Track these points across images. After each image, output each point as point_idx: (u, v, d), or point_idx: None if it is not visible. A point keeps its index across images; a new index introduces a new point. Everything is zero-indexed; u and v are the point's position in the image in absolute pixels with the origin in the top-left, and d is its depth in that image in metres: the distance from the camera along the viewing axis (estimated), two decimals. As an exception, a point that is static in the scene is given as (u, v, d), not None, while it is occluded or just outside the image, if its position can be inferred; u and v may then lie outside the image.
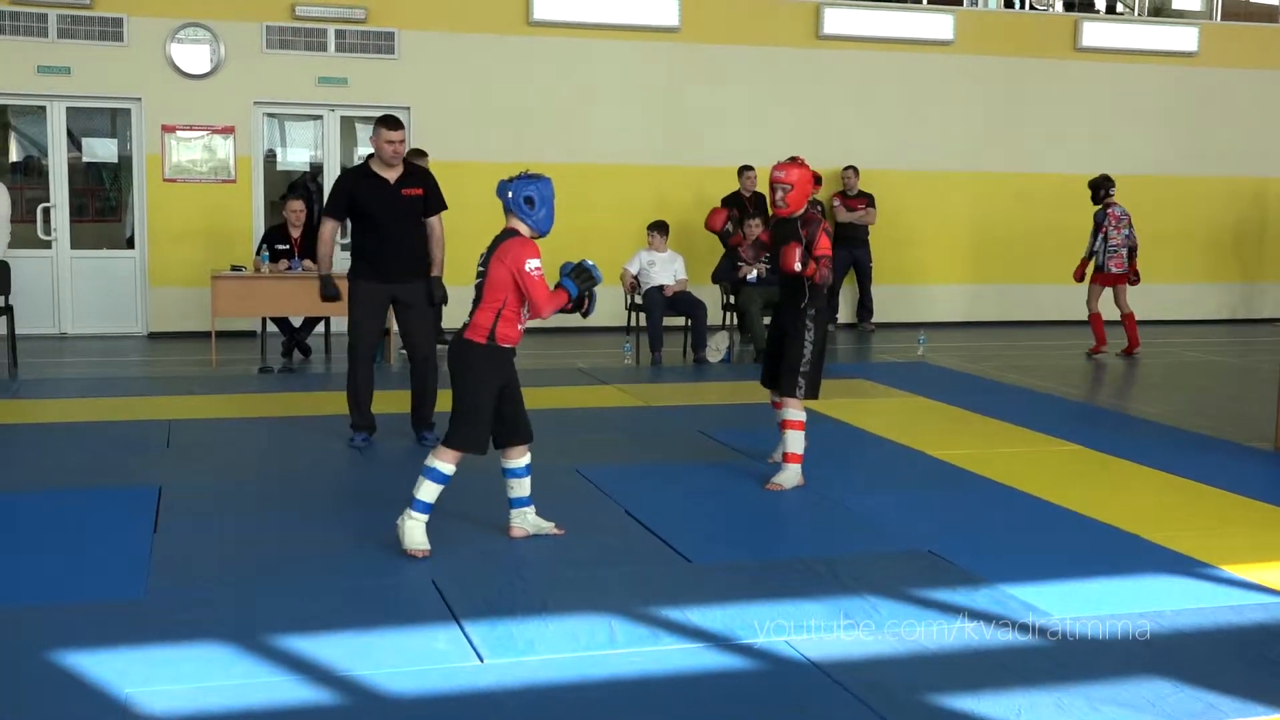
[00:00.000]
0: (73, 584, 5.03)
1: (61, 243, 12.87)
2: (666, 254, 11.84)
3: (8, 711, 3.82)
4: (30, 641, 4.34)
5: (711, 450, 7.75)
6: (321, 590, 4.98)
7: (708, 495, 6.66)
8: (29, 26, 12.32)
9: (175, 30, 12.70)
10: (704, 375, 10.99)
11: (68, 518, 5.70)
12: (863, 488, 6.88)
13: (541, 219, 5.36)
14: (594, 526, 5.96)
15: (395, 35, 13.18)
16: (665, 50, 14.02)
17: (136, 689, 3.93)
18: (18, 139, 13.31)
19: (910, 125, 14.89)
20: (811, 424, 8.55)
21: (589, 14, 13.72)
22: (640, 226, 12.30)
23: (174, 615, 4.65)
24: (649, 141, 14.03)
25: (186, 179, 12.93)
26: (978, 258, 15.24)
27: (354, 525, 5.94)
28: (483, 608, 4.70)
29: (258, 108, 13.17)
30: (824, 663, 4.25)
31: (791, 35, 14.43)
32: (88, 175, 13.32)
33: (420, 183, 7.60)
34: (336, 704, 3.92)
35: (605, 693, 4.04)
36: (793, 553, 5.58)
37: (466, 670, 4.17)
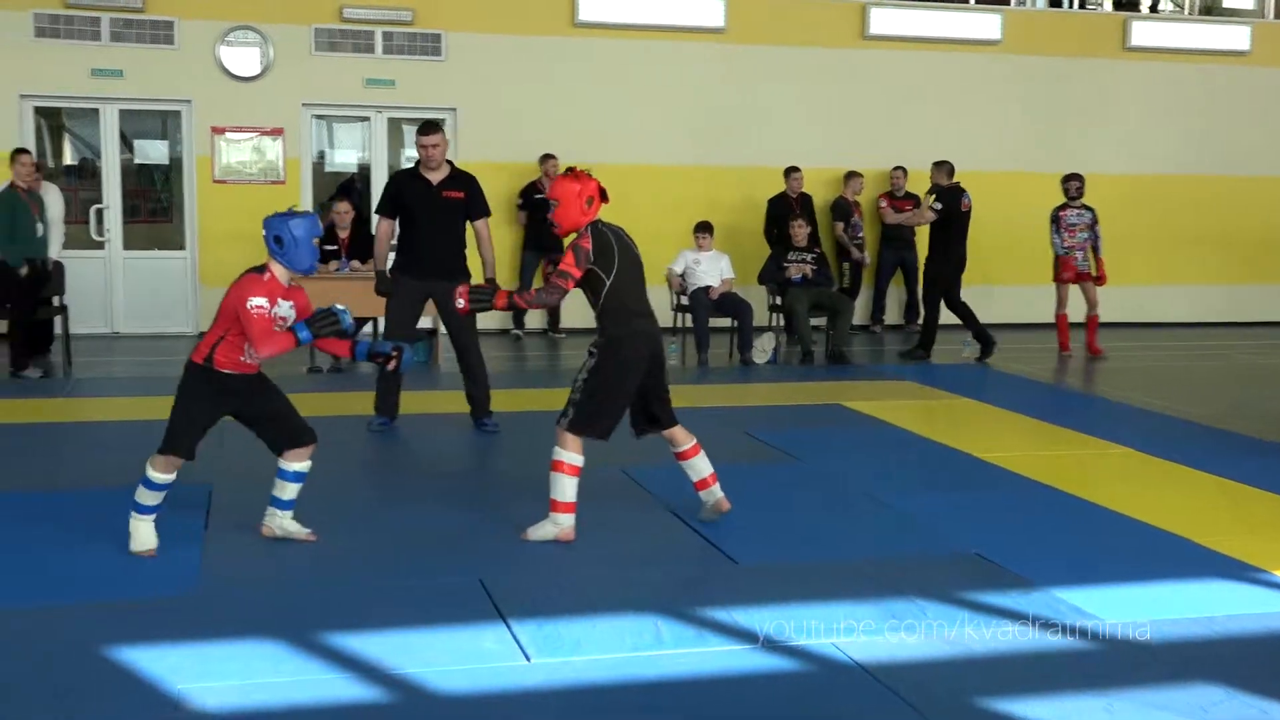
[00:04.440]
0: (126, 581, 5.09)
1: (114, 243, 13.03)
2: (711, 254, 11.83)
3: (64, 706, 3.87)
4: (85, 637, 4.40)
5: (758, 451, 7.73)
6: (370, 588, 5.01)
7: (754, 496, 6.64)
8: (83, 30, 12.47)
9: (225, 33, 12.82)
10: (750, 376, 10.97)
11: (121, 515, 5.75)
12: (909, 489, 6.84)
13: (293, 258, 5.29)
14: (640, 527, 5.96)
15: (442, 37, 13.25)
16: (711, 51, 14.01)
17: (188, 685, 3.98)
18: (72, 141, 13.48)
19: (957, 125, 14.79)
20: (858, 425, 8.56)
21: (635, 15, 13.73)
22: (686, 227, 12.29)
23: (225, 612, 4.70)
24: (695, 142, 14.02)
25: (236, 180, 13.06)
26: (1025, 259, 15.08)
27: (401, 524, 5.98)
28: (529, 607, 4.72)
29: (306, 109, 13.27)
30: (870, 665, 4.24)
31: (838, 35, 14.38)
32: (139, 177, 13.46)
33: (463, 186, 7.91)
34: (385, 701, 3.95)
35: (651, 693, 4.05)
36: (839, 554, 5.56)
37: (513, 669, 4.19)
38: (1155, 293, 15.41)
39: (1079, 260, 12.27)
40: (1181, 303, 15.67)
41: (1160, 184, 15.38)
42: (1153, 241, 15.17)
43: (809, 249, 12.07)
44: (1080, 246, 12.27)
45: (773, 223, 13.26)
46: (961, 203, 12.14)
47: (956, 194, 12.21)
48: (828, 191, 14.07)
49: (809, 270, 11.86)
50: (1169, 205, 15.43)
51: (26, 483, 6.67)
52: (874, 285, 14.42)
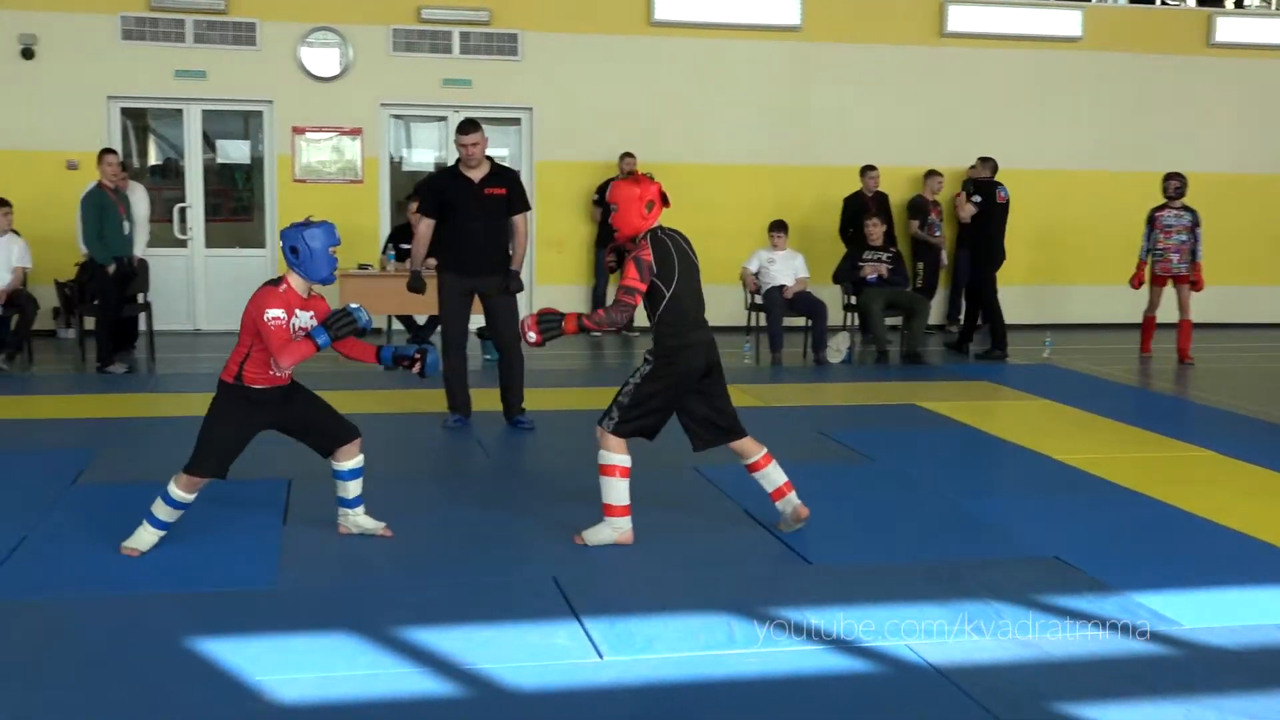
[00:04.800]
0: (207, 573, 5.19)
1: (196, 242, 13.25)
2: (786, 253, 11.79)
3: (147, 695, 3.95)
4: (167, 627, 4.49)
5: (831, 451, 7.70)
6: (444, 584, 5.06)
7: (827, 496, 6.61)
8: (167, 32, 12.70)
9: (306, 34, 12.99)
10: (824, 376, 10.93)
11: (202, 508, 5.86)
12: (986, 491, 6.79)
13: (309, 268, 5.30)
14: (713, 526, 5.97)
15: (518, 36, 13.33)
16: (787, 50, 13.96)
17: (268, 677, 4.04)
18: (156, 141, 13.73)
19: (1036, 123, 14.64)
20: (933, 426, 8.50)
21: (710, 14, 13.72)
22: (762, 226, 12.26)
23: (302, 606, 4.77)
24: (770, 141, 13.98)
25: (315, 179, 13.23)
26: (1103, 259, 14.90)
27: (475, 520, 6.03)
28: (602, 605, 4.74)
29: (384, 109, 13.41)
30: (946, 667, 4.21)
31: (915, 33, 14.27)
32: (221, 176, 13.68)
33: (504, 183, 8.04)
34: (459, 696, 3.99)
35: (723, 692, 4.05)
36: (914, 556, 5.53)
37: (586, 666, 4.21)
38: (1242, 293, 15.13)
39: (1174, 263, 11.84)
40: (1270, 303, 15.37)
41: (1245, 183, 15.09)
42: (1239, 241, 14.88)
43: (885, 248, 11.99)
44: (1177, 249, 11.82)
45: (848, 222, 13.18)
46: (998, 195, 12.16)
47: (993, 187, 12.25)
48: (905, 190, 13.97)
49: (884, 270, 11.79)
50: (1255, 204, 15.14)
51: (111, 475, 6.81)
52: (950, 285, 14.30)
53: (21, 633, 4.50)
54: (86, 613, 4.70)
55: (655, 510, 6.14)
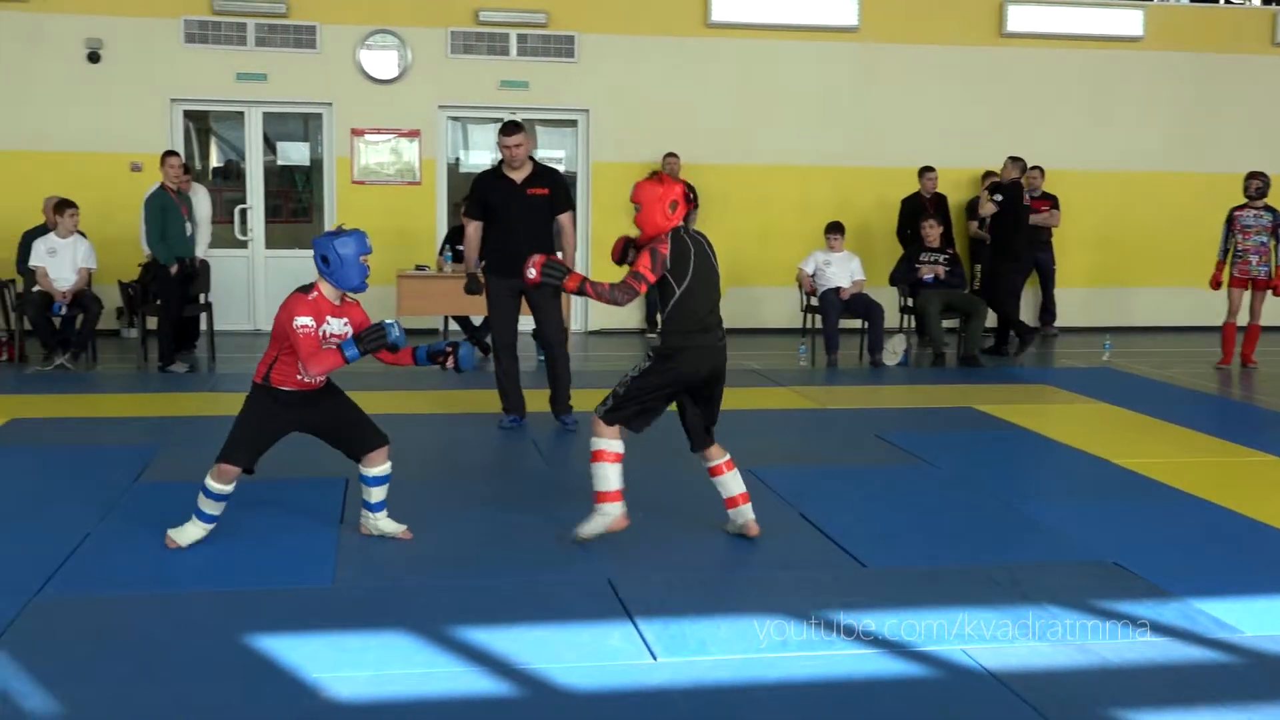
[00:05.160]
0: (265, 571, 5.24)
1: (257, 242, 13.40)
2: (843, 255, 11.74)
3: (206, 691, 4.00)
4: (226, 625, 4.54)
5: (887, 453, 7.66)
6: (499, 584, 5.08)
7: (883, 499, 6.59)
8: (229, 35, 12.85)
9: (365, 37, 13.10)
10: (880, 378, 10.87)
11: (260, 506, 5.93)
12: (1043, 495, 6.73)
13: (339, 276, 5.31)
14: (767, 528, 5.94)
15: (575, 38, 13.36)
16: (844, 50, 13.90)
17: (324, 674, 4.08)
18: (218, 144, 13.90)
19: (1097, 124, 14.48)
20: (990, 429, 8.43)
21: (767, 15, 13.69)
22: (818, 227, 12.22)
23: (359, 604, 4.81)
24: (828, 142, 13.93)
25: (374, 181, 13.33)
26: (1165, 261, 14.72)
27: (529, 521, 6.04)
28: (656, 606, 4.74)
29: (442, 111, 13.49)
30: (1002, 673, 4.17)
31: (974, 33, 14.16)
32: (281, 178, 13.82)
33: (547, 183, 8.06)
34: (512, 696, 4.00)
35: (777, 695, 4.04)
36: (970, 559, 5.48)
37: (640, 667, 4.21)
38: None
39: (1254, 265, 11.54)
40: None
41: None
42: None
43: (942, 250, 11.92)
44: (1257, 250, 11.51)
45: (906, 223, 13.11)
46: (1024, 197, 12.30)
47: (1018, 189, 12.29)
48: (962, 192, 13.87)
49: (942, 271, 11.72)
50: None
51: (172, 473, 6.89)
52: (1009, 287, 14.16)
53: (84, 628, 4.57)
54: (147, 609, 4.76)
55: (708, 511, 6.13)
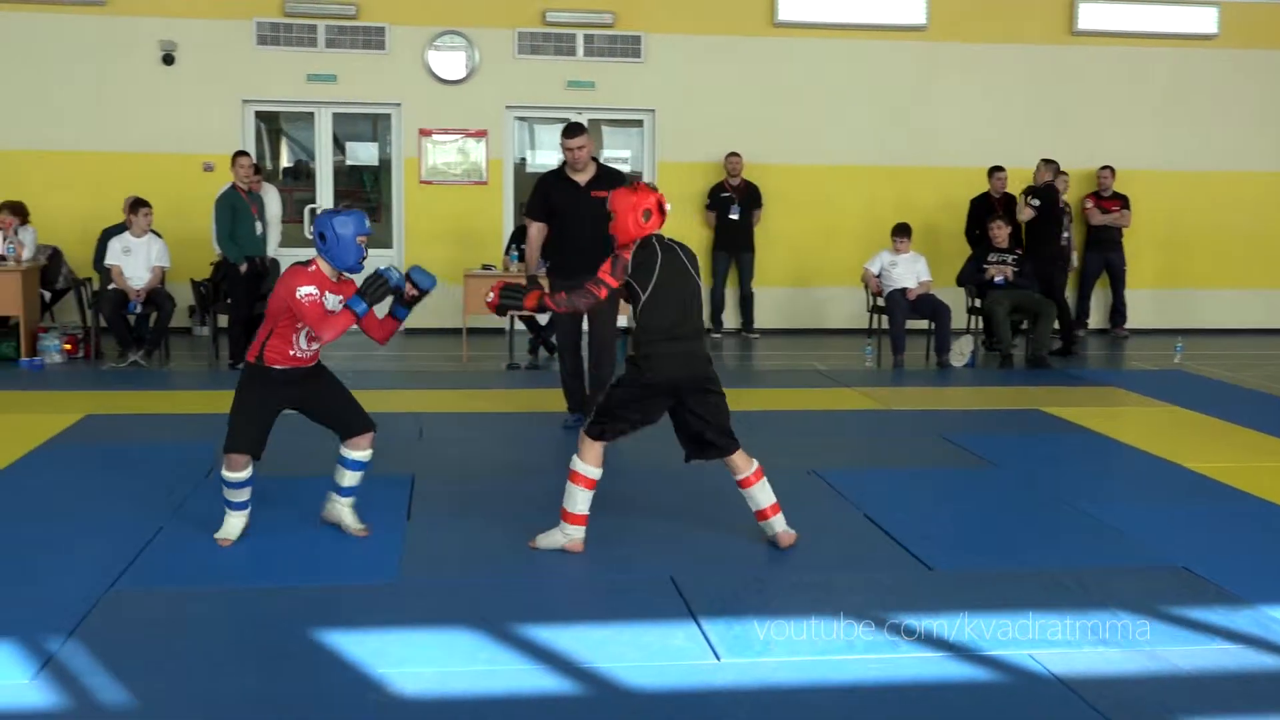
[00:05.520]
0: (332, 567, 5.30)
1: (325, 242, 13.52)
2: (909, 256, 11.67)
3: (273, 684, 4.05)
4: (294, 618, 4.60)
5: (954, 456, 7.60)
6: (563, 582, 5.11)
7: (949, 501, 6.55)
8: (300, 37, 13.00)
9: (433, 38, 13.19)
10: (947, 380, 10.79)
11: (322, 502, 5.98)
12: (1113, 499, 6.64)
13: (335, 254, 5.36)
14: (832, 530, 5.93)
15: (642, 39, 13.38)
16: (912, 49, 13.80)
17: (390, 670, 4.12)
18: (288, 144, 14.06)
19: (1169, 123, 14.26)
20: (1058, 432, 8.34)
21: (834, 14, 13.62)
22: (884, 227, 12.15)
23: (424, 601, 4.85)
24: (893, 142, 13.83)
25: (441, 181, 13.43)
26: (1242, 261, 14.48)
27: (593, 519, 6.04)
28: (720, 606, 4.74)
29: (509, 111, 13.56)
30: (1069, 678, 4.13)
31: (1044, 31, 14.00)
32: (350, 177, 13.96)
33: (610, 185, 7.82)
34: (576, 694, 4.02)
35: (842, 698, 4.03)
36: (1038, 563, 5.43)
37: (703, 668, 4.21)
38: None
39: None
40: None
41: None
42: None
43: (1010, 250, 11.80)
44: None
45: (974, 223, 13.00)
46: (1059, 199, 12.42)
47: (1054, 191, 12.39)
48: (1031, 192, 13.71)
49: (1010, 272, 11.60)
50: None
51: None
52: (1078, 288, 14.01)
53: (156, 621, 4.65)
54: (217, 602, 4.84)
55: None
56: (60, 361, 10.83)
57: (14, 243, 10.96)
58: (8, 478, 6.72)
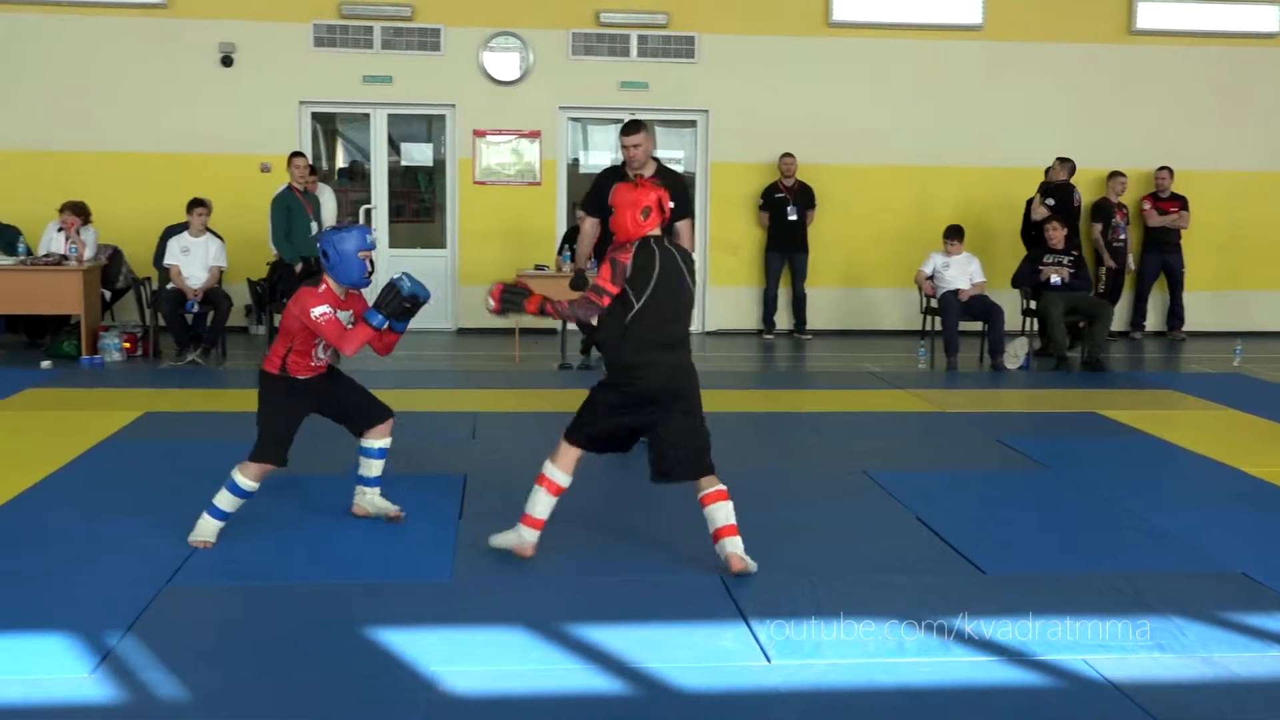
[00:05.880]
0: (385, 565, 5.34)
1: (380, 242, 13.62)
2: (962, 256, 11.59)
3: (326, 681, 4.09)
4: (347, 616, 4.64)
5: (1008, 458, 7.55)
6: (614, 582, 5.11)
7: (1003, 504, 6.50)
8: (356, 39, 13.11)
9: (488, 39, 13.25)
10: (1001, 382, 10.71)
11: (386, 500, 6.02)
12: (1169, 504, 6.57)
13: (339, 272, 5.45)
14: (884, 532, 5.91)
15: (695, 39, 13.37)
16: (968, 49, 13.71)
17: (442, 668, 4.14)
18: (344, 145, 14.18)
19: (1228, 123, 14.06)
20: (1114, 435, 8.26)
21: (890, 14, 13.56)
22: (938, 228, 12.08)
23: (476, 600, 4.88)
24: (949, 142, 13.73)
25: (495, 181, 13.48)
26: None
27: (644, 519, 6.07)
28: (770, 608, 4.73)
29: (562, 112, 13.60)
30: (1124, 684, 4.09)
31: (1101, 31, 13.86)
32: (405, 178, 14.05)
33: (667, 186, 7.69)
34: (626, 694, 4.03)
35: (893, 701, 4.01)
36: (1092, 567, 5.38)
37: (753, 670, 4.21)
38: None
39: None
40: None
41: None
42: None
43: (1066, 251, 11.69)
44: None
45: (1030, 224, 12.89)
46: (1074, 199, 12.45)
47: (1068, 190, 12.39)
48: (1088, 193, 13.57)
49: (1066, 274, 11.50)
50: None
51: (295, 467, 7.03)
52: (1135, 290, 13.86)
53: (211, 617, 4.72)
54: (272, 599, 4.89)
55: (824, 513, 6.11)
56: (120, 360, 10.98)
57: (76, 243, 11.14)
58: (69, 474, 6.82)
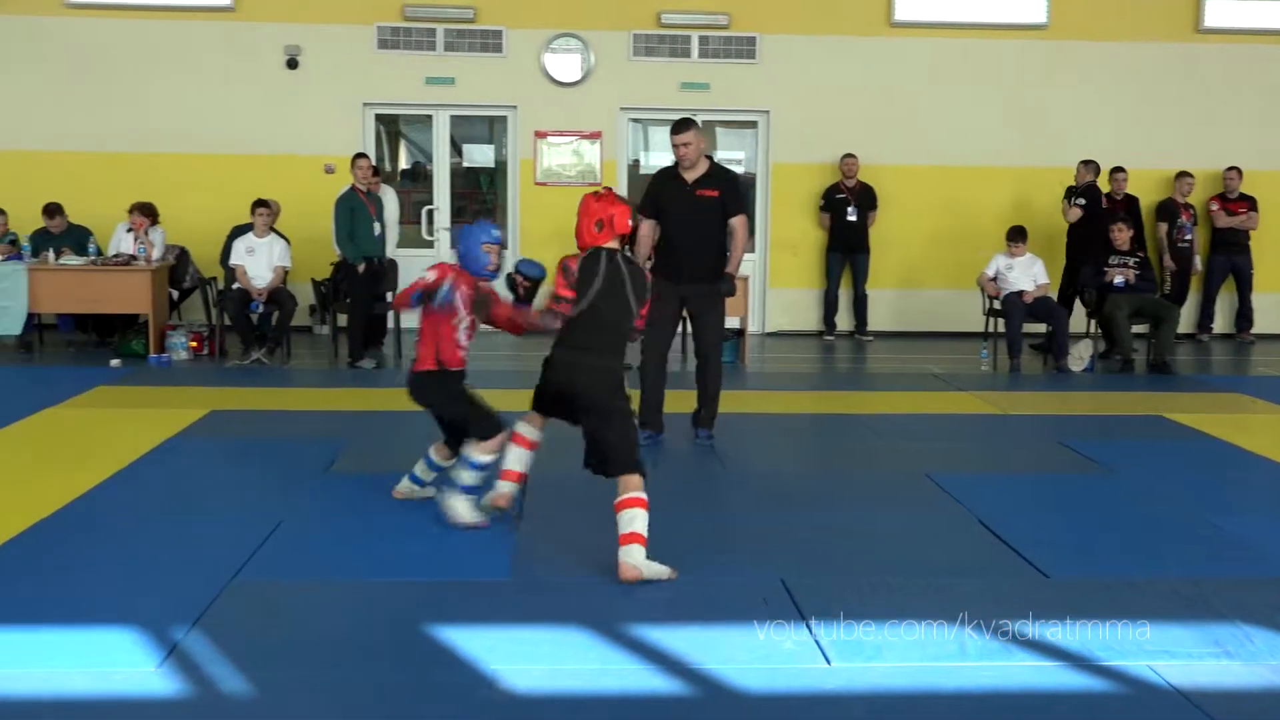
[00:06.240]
0: (445, 563, 5.37)
1: (442, 243, 13.71)
2: (1026, 258, 11.49)
3: (387, 677, 4.12)
4: (408, 613, 4.68)
5: (1071, 461, 7.47)
6: (674, 583, 5.10)
7: (1066, 508, 6.43)
8: (419, 41, 13.21)
9: (549, 40, 13.30)
10: (1065, 384, 10.60)
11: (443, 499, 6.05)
12: (1236, 508, 6.48)
13: (467, 263, 5.96)
14: (946, 535, 5.87)
15: (756, 39, 13.34)
16: (1031, 48, 13.58)
17: (502, 666, 4.16)
18: (407, 146, 14.29)
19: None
20: (1180, 439, 8.16)
21: (952, 13, 13.46)
22: (1001, 229, 11.98)
23: (536, 599, 4.90)
24: (1012, 142, 13.61)
25: (555, 182, 13.54)
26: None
27: (702, 520, 6.07)
28: (831, 610, 4.71)
29: (623, 113, 13.62)
30: (1191, 691, 4.04)
31: (1168, 28, 13.67)
32: (467, 179, 14.14)
33: (719, 184, 7.67)
34: (685, 695, 4.03)
35: (954, 705, 3.98)
36: (1158, 572, 5.31)
37: (813, 672, 4.19)
38: None
39: None
40: None
41: None
42: None
43: (1132, 253, 11.55)
44: None
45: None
46: (1102, 200, 12.35)
47: (1096, 191, 12.34)
48: (1153, 193, 13.41)
49: (1131, 275, 11.36)
50: None
51: (360, 466, 7.12)
52: (1203, 291, 13.66)
53: (275, 612, 4.76)
54: (334, 595, 4.93)
55: (886, 516, 6.08)
56: (186, 358, 11.14)
57: (144, 243, 11.30)
58: (137, 471, 6.92)
